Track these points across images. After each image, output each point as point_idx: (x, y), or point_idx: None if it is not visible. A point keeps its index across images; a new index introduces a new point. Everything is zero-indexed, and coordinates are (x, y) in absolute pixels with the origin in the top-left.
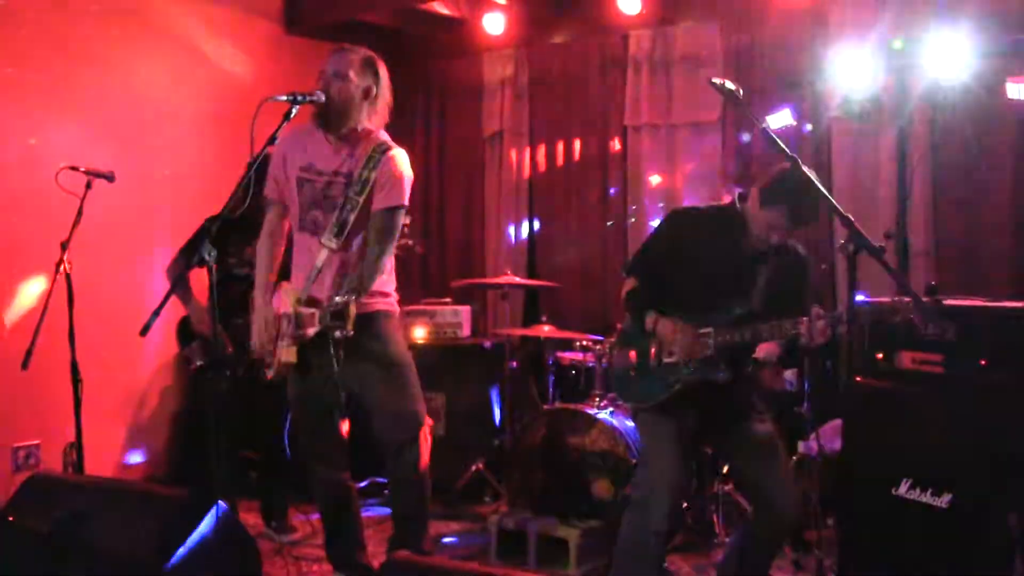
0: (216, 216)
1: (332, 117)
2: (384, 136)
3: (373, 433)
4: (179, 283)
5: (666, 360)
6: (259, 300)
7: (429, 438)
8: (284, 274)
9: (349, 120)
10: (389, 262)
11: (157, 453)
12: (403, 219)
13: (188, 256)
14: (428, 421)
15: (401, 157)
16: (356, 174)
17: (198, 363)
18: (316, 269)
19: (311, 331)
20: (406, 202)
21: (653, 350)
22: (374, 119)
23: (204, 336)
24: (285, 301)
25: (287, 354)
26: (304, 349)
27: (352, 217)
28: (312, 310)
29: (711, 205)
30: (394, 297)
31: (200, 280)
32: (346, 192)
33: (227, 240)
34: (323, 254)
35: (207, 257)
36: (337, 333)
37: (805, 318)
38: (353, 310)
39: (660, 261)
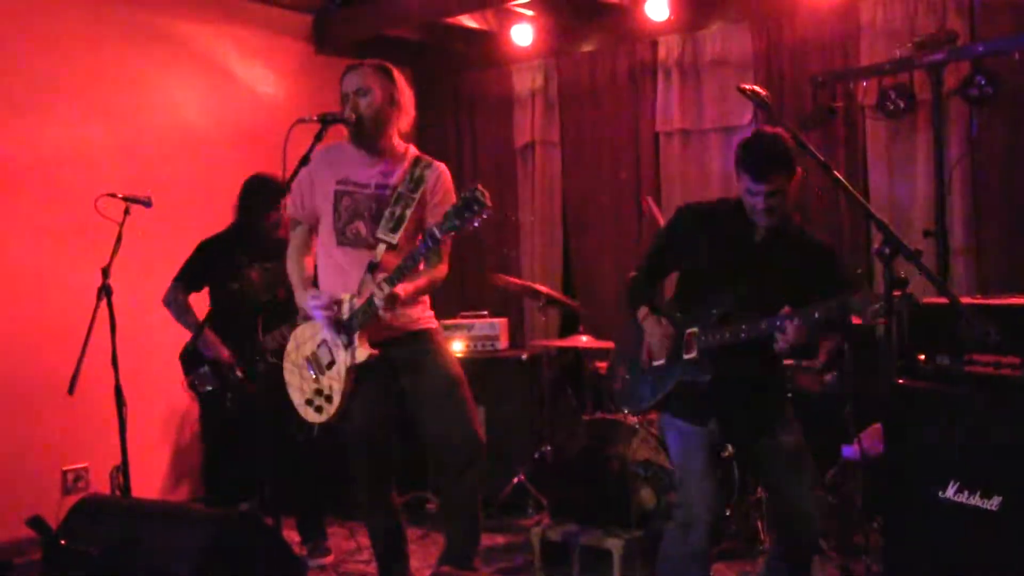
0: (215, 238)
1: (367, 133)
2: (417, 150)
3: (427, 452)
4: (187, 313)
5: (655, 362)
6: (302, 297)
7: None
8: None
9: (385, 131)
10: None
11: (199, 474)
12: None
13: (186, 281)
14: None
15: (448, 171)
16: (406, 178)
17: (208, 388)
18: (373, 264)
19: (401, 291)
20: None
21: (644, 350)
22: (403, 123)
23: (213, 361)
24: (344, 306)
25: (361, 353)
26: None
27: (408, 212)
28: (385, 288)
29: (721, 199)
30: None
31: (197, 303)
32: (398, 191)
33: (230, 264)
34: (380, 249)
35: (206, 276)
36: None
37: (778, 319)
38: (479, 195)
39: (662, 256)
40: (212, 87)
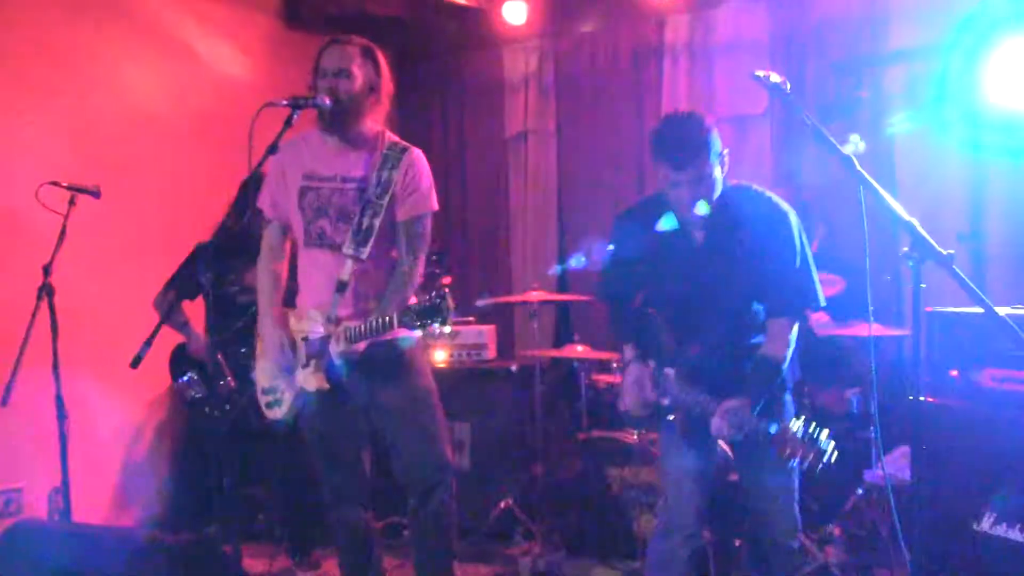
0: (208, 243)
1: (340, 119)
2: (392, 135)
3: (394, 472)
4: (171, 316)
5: (632, 414)
6: (267, 326)
7: (454, 480)
8: (286, 299)
9: (358, 120)
10: (419, 274)
11: (153, 496)
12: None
13: (179, 287)
14: (453, 464)
15: (423, 157)
16: (373, 176)
17: (195, 396)
18: (341, 282)
19: (363, 346)
20: (437, 206)
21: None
22: (378, 114)
23: (203, 365)
24: (308, 323)
25: (315, 380)
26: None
27: (377, 223)
28: (355, 324)
29: (647, 197)
30: None
31: (193, 309)
32: (364, 197)
33: (225, 265)
34: (348, 265)
35: (203, 280)
36: (427, 332)
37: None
38: (451, 303)
39: (617, 279)
40: (170, 65)
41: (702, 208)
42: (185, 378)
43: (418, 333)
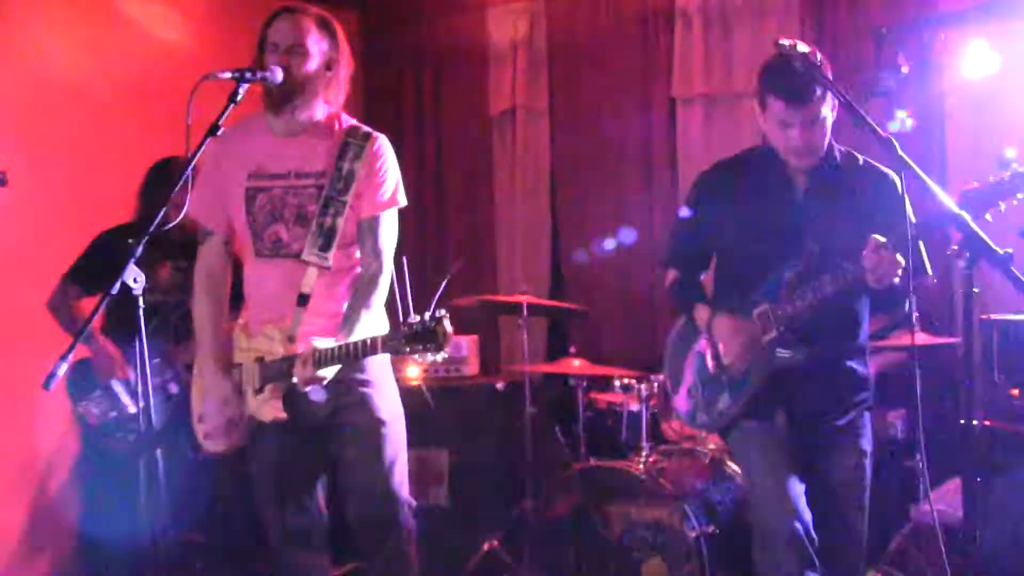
0: (118, 229)
1: (289, 100)
2: (351, 119)
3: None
4: (74, 321)
5: (726, 361)
6: (206, 367)
7: (412, 521)
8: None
9: (312, 102)
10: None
11: (68, 537)
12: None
13: (83, 283)
14: (410, 501)
15: (388, 145)
16: (333, 169)
17: (101, 419)
18: (303, 295)
19: (331, 372)
20: (405, 200)
21: (709, 354)
22: (334, 94)
23: (108, 386)
24: (263, 342)
25: (271, 410)
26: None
27: (340, 223)
28: (326, 345)
29: (748, 149)
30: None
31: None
32: (325, 193)
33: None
34: (311, 275)
35: (132, 284)
36: (417, 360)
37: (865, 250)
38: (448, 327)
39: (695, 238)
40: (95, 30)
41: (812, 155)
42: (93, 396)
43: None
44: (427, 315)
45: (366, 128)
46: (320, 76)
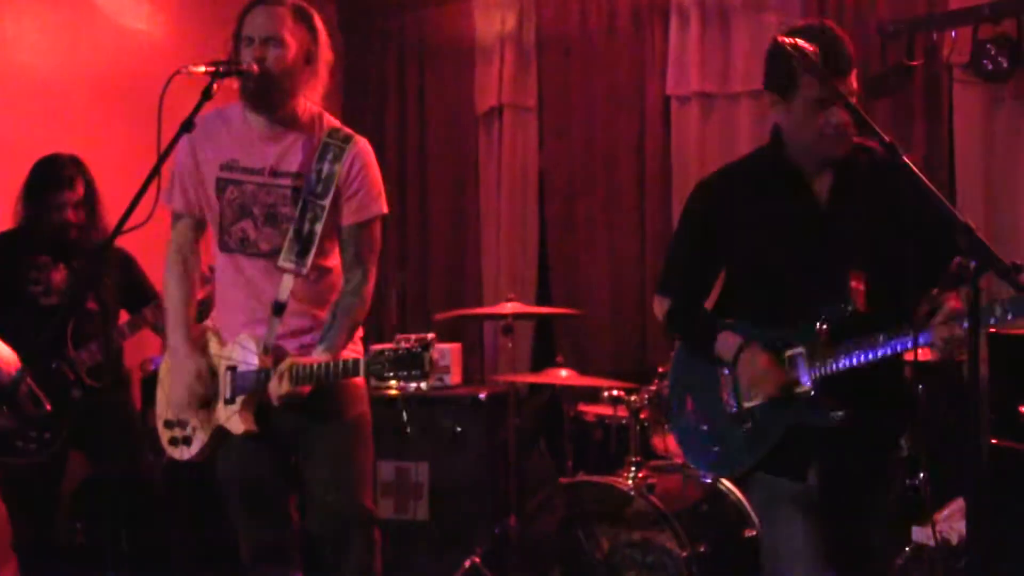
0: (4, 234)
1: (267, 95)
2: (332, 119)
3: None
4: None
5: (748, 404)
6: (180, 346)
7: (376, 536)
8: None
9: (290, 97)
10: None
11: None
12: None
13: None
14: (372, 511)
15: (370, 149)
16: (313, 170)
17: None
18: (279, 303)
19: (308, 389)
20: (386, 208)
21: (728, 391)
22: (313, 89)
23: (5, 390)
24: (236, 351)
25: (242, 421)
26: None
27: (319, 229)
28: (301, 359)
29: (748, 155)
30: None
31: None
32: (302, 196)
33: (23, 260)
34: (286, 282)
35: None
36: (399, 386)
37: (937, 318)
38: (433, 354)
39: (696, 259)
40: (61, 19)
41: (845, 141)
42: None
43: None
44: (413, 341)
45: (347, 130)
46: (298, 69)
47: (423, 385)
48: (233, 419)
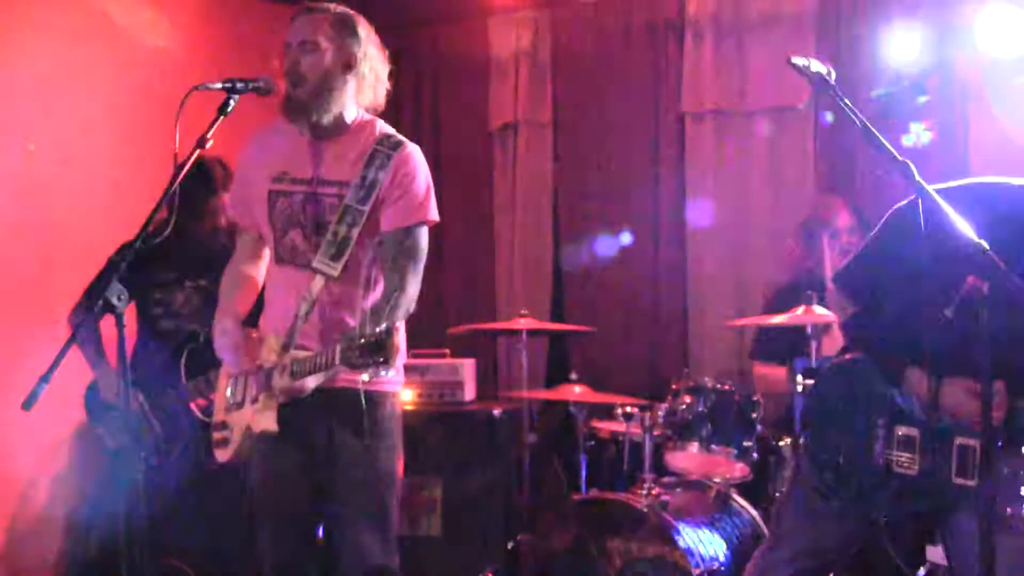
0: (130, 243)
1: (305, 104)
2: (386, 127)
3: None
4: (81, 333)
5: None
6: (226, 322)
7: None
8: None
9: (331, 105)
10: (414, 299)
11: (49, 566)
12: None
13: (93, 298)
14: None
15: (420, 155)
16: (357, 177)
17: (112, 446)
18: (308, 302)
19: (311, 383)
20: (436, 216)
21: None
22: (363, 97)
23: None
24: (261, 350)
25: (263, 420)
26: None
27: (356, 233)
28: (307, 354)
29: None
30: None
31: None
32: (344, 202)
33: (148, 280)
34: (316, 283)
35: (115, 303)
36: (369, 374)
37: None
38: (397, 341)
39: (873, 275)
40: (79, 35)
41: None
42: (103, 421)
43: (364, 376)
44: (381, 328)
45: (399, 136)
46: (334, 74)
47: (389, 373)
48: (255, 418)
